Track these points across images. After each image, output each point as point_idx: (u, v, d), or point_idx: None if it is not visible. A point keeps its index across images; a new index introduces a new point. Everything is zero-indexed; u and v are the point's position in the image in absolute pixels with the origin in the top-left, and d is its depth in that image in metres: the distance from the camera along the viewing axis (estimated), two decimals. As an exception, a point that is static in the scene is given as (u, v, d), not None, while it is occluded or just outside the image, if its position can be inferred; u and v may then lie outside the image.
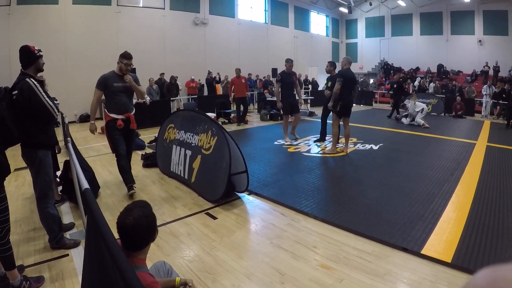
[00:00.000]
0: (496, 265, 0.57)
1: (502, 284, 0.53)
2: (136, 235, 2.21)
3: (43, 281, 3.50)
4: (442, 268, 3.68)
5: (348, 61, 9.04)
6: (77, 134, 12.21)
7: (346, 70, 8.76)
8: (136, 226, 2.21)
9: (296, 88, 10.42)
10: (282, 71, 10.18)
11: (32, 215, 5.26)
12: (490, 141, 11.01)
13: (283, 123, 10.26)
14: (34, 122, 3.96)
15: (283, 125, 10.26)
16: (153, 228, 2.34)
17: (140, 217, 2.24)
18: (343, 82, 8.46)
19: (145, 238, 2.29)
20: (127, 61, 5.84)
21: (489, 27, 26.04)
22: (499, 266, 0.57)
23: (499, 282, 0.54)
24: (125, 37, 17.73)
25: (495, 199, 5.76)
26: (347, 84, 8.59)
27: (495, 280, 0.55)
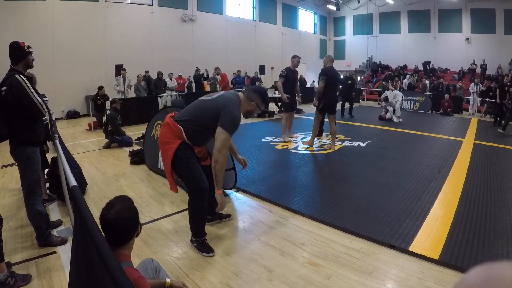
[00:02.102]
0: (488, 262, 0.57)
1: (495, 281, 0.53)
2: (118, 229, 2.21)
3: (29, 279, 3.46)
4: (429, 265, 3.69)
5: (330, 59, 9.05)
6: (65, 131, 12.08)
7: (329, 68, 8.80)
8: (118, 220, 2.21)
9: (296, 86, 10.34)
10: (288, 67, 10.01)
11: (19, 212, 5.21)
12: (477, 139, 11.11)
13: (283, 121, 10.10)
14: (22, 119, 3.93)
15: (282, 123, 10.12)
16: (135, 221, 2.34)
17: (121, 211, 2.25)
18: (326, 80, 8.57)
19: (128, 232, 2.29)
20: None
21: (477, 25, 26.26)
22: (491, 263, 0.57)
23: (492, 280, 0.54)
24: (113, 33, 17.63)
25: (482, 196, 5.81)
26: (330, 82, 8.66)
27: (488, 277, 0.55)
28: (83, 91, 16.34)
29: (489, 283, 0.54)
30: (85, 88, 16.21)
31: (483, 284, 0.54)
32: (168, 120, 3.95)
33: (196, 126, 3.87)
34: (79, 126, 13.55)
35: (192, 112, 3.97)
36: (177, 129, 3.84)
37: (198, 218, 4.07)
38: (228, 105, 3.85)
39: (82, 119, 15.57)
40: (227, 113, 3.80)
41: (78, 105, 16.41)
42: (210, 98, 4.00)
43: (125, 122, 12.11)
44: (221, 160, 3.80)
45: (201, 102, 4.02)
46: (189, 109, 4.05)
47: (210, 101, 3.95)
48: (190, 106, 4.13)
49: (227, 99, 3.92)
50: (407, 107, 19.42)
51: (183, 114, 3.99)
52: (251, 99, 4.02)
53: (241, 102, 4.01)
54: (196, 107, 4.00)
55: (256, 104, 4.05)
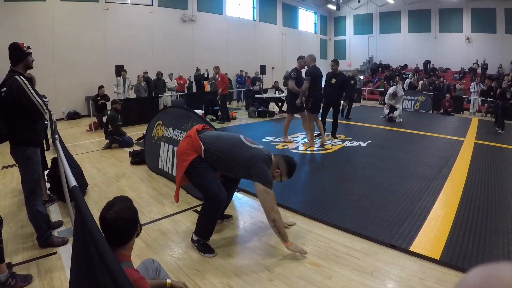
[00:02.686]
0: (488, 263, 0.57)
1: (494, 282, 0.53)
2: (118, 229, 2.22)
3: (30, 280, 3.46)
4: (430, 265, 3.69)
5: (313, 58, 9.25)
6: (65, 132, 12.09)
7: (313, 68, 8.97)
8: (117, 220, 2.22)
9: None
10: (295, 68, 9.86)
11: (20, 213, 5.20)
12: (478, 139, 11.10)
13: (286, 122, 10.04)
14: (22, 120, 3.94)
15: (285, 123, 10.06)
16: (134, 221, 2.35)
17: (121, 211, 2.26)
18: (311, 80, 8.76)
19: (127, 232, 2.29)
20: None
21: (477, 24, 26.23)
22: (491, 264, 0.57)
23: (492, 281, 0.54)
24: (113, 34, 17.62)
25: (483, 196, 5.80)
26: (315, 81, 8.84)
27: (487, 278, 0.55)
28: (83, 91, 16.34)
29: (488, 283, 0.54)
30: (86, 88, 16.21)
31: (483, 285, 0.54)
32: (192, 134, 3.97)
33: (219, 156, 3.90)
34: (79, 127, 13.55)
35: (223, 144, 3.96)
36: (198, 145, 3.87)
37: (207, 224, 4.08)
38: (264, 167, 3.87)
39: (83, 119, 15.56)
40: (262, 169, 3.84)
41: (78, 105, 16.40)
42: (249, 144, 4.02)
43: (125, 122, 12.11)
44: (278, 218, 3.81)
45: (238, 141, 4.03)
46: (221, 140, 4.04)
47: (247, 147, 3.97)
48: (224, 137, 4.10)
49: (264, 159, 3.93)
50: (407, 106, 19.39)
51: (212, 140, 3.98)
52: (277, 166, 4.06)
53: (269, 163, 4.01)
54: (231, 143, 3.98)
55: (281, 173, 4.08)
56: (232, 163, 3.91)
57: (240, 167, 3.92)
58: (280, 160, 4.08)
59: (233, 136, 4.09)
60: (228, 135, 4.15)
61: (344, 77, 10.59)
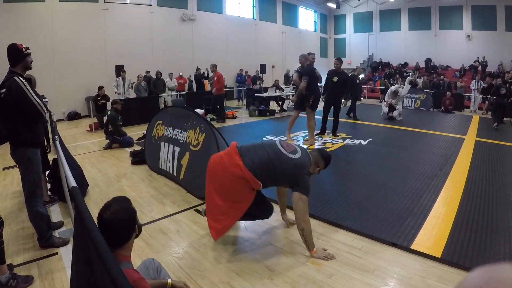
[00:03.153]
0: (490, 263, 0.58)
1: (496, 283, 0.53)
2: (115, 230, 2.22)
3: (31, 281, 3.46)
4: (432, 263, 3.68)
5: (306, 57, 9.34)
6: (65, 132, 12.12)
7: (309, 67, 9.09)
8: (114, 221, 2.22)
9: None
10: (300, 67, 9.96)
11: (21, 214, 5.21)
12: (479, 136, 11.10)
13: (292, 118, 9.89)
14: (22, 121, 3.94)
15: (290, 120, 9.91)
16: (131, 222, 2.34)
17: (117, 211, 2.26)
18: (309, 79, 8.79)
19: (124, 233, 2.29)
20: None
21: (478, 22, 26.20)
22: (493, 265, 0.57)
23: (493, 282, 0.54)
24: (112, 34, 17.60)
25: (484, 194, 5.80)
26: (312, 80, 8.89)
27: (489, 279, 0.55)
28: (83, 92, 16.33)
29: (490, 284, 0.54)
30: (86, 89, 16.20)
31: (484, 286, 0.54)
32: (239, 164, 3.84)
33: (265, 175, 3.86)
34: (80, 127, 13.56)
35: (266, 161, 3.87)
36: (253, 181, 3.81)
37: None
38: (306, 177, 3.89)
39: (83, 120, 15.55)
40: (304, 180, 3.85)
41: (78, 106, 16.40)
42: (289, 154, 3.93)
43: (125, 122, 12.09)
44: (307, 228, 3.83)
45: (278, 153, 3.94)
46: (263, 156, 3.91)
47: (287, 159, 3.90)
48: (263, 152, 3.95)
49: (307, 167, 3.94)
50: (408, 104, 19.40)
51: (257, 162, 3.86)
52: (317, 164, 4.12)
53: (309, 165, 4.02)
54: (272, 158, 3.89)
55: (320, 169, 4.17)
56: (276, 175, 3.88)
57: (283, 180, 3.95)
58: (318, 157, 4.11)
59: (271, 147, 4.01)
60: (266, 146, 4.04)
61: (345, 76, 10.55)
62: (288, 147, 4.01)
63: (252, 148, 3.99)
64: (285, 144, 4.08)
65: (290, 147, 4.03)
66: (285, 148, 3.98)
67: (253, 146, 4.03)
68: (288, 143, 4.14)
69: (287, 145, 4.06)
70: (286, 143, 4.12)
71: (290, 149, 3.99)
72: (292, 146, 4.07)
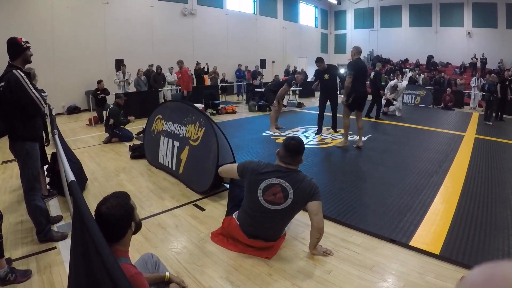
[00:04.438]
0: (491, 261, 0.57)
1: (498, 281, 0.53)
2: (110, 224, 2.22)
3: (30, 275, 3.45)
4: (430, 260, 3.69)
5: (358, 50, 8.54)
6: (65, 126, 12.11)
7: (356, 61, 8.43)
8: (109, 216, 2.22)
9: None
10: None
11: (19, 208, 5.19)
12: (479, 133, 11.11)
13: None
14: (21, 114, 3.93)
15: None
16: (127, 218, 2.33)
17: (113, 207, 2.26)
18: (354, 75, 8.14)
19: (119, 228, 2.29)
20: None
21: (478, 19, 26.20)
22: (494, 263, 0.57)
23: (495, 279, 0.54)
24: (113, 28, 17.57)
25: (483, 191, 5.81)
26: (358, 76, 8.24)
27: (491, 277, 0.55)
28: (83, 86, 16.31)
29: (491, 282, 0.54)
30: (86, 83, 16.17)
31: (486, 283, 0.54)
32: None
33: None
34: (79, 121, 13.56)
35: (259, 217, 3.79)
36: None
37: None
38: (309, 188, 3.69)
39: (83, 114, 15.54)
40: (317, 191, 3.69)
41: (78, 100, 16.39)
42: (273, 207, 3.69)
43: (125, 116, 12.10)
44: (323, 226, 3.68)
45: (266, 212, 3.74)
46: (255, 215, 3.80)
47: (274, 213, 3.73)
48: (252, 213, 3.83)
49: (307, 185, 3.70)
50: (408, 101, 19.40)
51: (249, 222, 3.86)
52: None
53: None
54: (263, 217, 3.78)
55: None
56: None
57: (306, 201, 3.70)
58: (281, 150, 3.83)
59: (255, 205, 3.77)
60: (250, 203, 3.83)
61: (335, 69, 10.39)
62: (274, 197, 3.68)
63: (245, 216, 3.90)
64: (269, 196, 3.70)
65: (277, 197, 3.68)
66: (270, 201, 3.69)
67: (246, 213, 3.89)
68: (275, 194, 3.69)
69: (272, 195, 3.70)
70: (270, 193, 3.70)
71: (274, 201, 3.68)
72: (278, 193, 3.68)
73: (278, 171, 3.72)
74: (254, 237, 3.82)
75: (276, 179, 3.67)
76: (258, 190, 3.68)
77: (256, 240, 3.82)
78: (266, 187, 3.68)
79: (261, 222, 3.76)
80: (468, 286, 0.57)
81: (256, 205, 3.72)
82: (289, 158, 3.74)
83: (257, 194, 3.70)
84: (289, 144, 3.75)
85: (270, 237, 3.83)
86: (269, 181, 3.68)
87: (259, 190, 3.68)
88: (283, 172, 3.71)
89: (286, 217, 3.78)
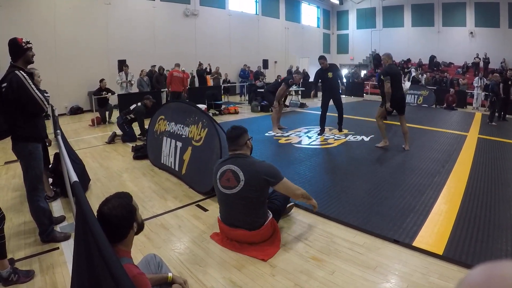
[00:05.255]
0: (491, 261, 0.58)
1: (498, 280, 0.53)
2: (112, 224, 2.22)
3: (32, 275, 3.46)
4: (433, 260, 3.68)
5: (389, 56, 8.57)
6: (68, 127, 12.16)
7: (389, 66, 8.39)
8: (111, 216, 2.23)
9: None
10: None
11: (22, 208, 5.19)
12: (481, 133, 11.09)
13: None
14: (23, 115, 3.93)
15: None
16: (129, 219, 2.34)
17: (115, 207, 2.27)
18: (391, 79, 8.10)
19: (121, 228, 2.30)
20: None
21: (481, 19, 26.14)
22: (495, 262, 0.57)
23: (495, 279, 0.54)
24: (115, 28, 17.63)
25: (486, 191, 5.79)
26: (395, 80, 8.19)
27: (491, 276, 0.55)
28: (86, 86, 16.35)
29: (492, 282, 0.54)
30: (88, 83, 16.19)
31: (486, 283, 0.54)
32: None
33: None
34: (82, 122, 13.59)
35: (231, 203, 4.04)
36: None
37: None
38: (260, 167, 3.95)
39: (85, 114, 15.59)
40: (268, 173, 3.94)
41: (81, 100, 16.45)
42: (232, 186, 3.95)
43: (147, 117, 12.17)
44: (300, 192, 4.17)
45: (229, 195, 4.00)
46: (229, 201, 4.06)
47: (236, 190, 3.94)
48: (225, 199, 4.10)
49: (256, 165, 3.98)
50: (411, 101, 19.36)
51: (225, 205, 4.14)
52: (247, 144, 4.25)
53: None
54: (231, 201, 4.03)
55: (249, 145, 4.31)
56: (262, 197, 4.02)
57: (263, 192, 3.99)
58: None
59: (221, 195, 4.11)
60: (217, 194, 4.22)
61: (337, 68, 10.40)
62: (228, 181, 3.98)
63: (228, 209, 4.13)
64: (224, 181, 4.03)
65: (230, 181, 3.97)
66: (231, 181, 3.97)
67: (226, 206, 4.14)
68: (228, 179, 4.00)
69: (226, 180, 4.01)
70: (224, 178, 4.02)
71: (231, 183, 3.95)
72: (231, 178, 3.98)
73: (229, 158, 4.08)
74: (234, 226, 4.02)
75: (227, 165, 4.01)
76: (217, 180, 4.04)
77: (238, 229, 3.99)
78: (220, 175, 4.02)
79: (230, 209, 4.05)
80: (467, 286, 0.57)
81: (219, 193, 4.07)
82: (232, 145, 4.12)
83: (217, 183, 4.05)
84: (227, 133, 4.25)
85: (248, 225, 3.96)
86: (222, 169, 4.02)
87: (217, 180, 4.04)
88: (232, 158, 4.05)
89: (246, 200, 3.88)
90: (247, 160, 4.00)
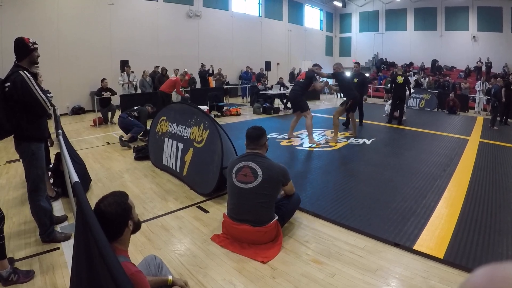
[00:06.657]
0: (493, 263, 0.57)
1: (500, 282, 0.53)
2: (106, 221, 2.23)
3: (32, 275, 3.46)
4: (434, 264, 3.68)
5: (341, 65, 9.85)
6: (69, 127, 12.17)
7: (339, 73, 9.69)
8: (107, 212, 2.27)
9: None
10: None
11: (23, 207, 5.19)
12: (483, 137, 11.10)
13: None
14: (26, 115, 3.93)
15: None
16: (124, 215, 2.37)
17: (109, 205, 2.31)
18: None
19: (115, 226, 2.32)
20: None
21: (484, 23, 26.16)
22: (496, 264, 0.57)
23: (497, 281, 0.54)
24: (118, 29, 17.64)
25: (487, 195, 5.79)
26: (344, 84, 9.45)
27: (493, 278, 0.54)
28: (88, 86, 16.37)
29: (494, 283, 0.53)
30: (90, 83, 16.21)
31: (488, 285, 0.54)
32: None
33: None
34: (84, 122, 13.62)
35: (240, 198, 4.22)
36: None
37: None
38: (277, 169, 4.24)
39: (87, 114, 15.62)
40: (286, 173, 4.32)
41: (83, 100, 16.47)
42: (244, 185, 4.16)
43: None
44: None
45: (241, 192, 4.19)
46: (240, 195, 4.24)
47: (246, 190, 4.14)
48: (237, 195, 4.27)
49: (274, 166, 4.26)
50: (413, 104, 19.41)
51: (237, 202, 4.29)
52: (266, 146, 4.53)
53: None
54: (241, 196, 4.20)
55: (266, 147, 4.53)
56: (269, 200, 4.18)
57: (274, 191, 4.25)
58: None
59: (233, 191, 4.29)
60: (228, 188, 4.39)
61: (364, 76, 10.88)
62: (245, 177, 4.19)
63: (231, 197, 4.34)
64: (241, 176, 4.22)
65: (248, 176, 4.18)
66: (242, 180, 4.19)
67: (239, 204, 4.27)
68: (245, 174, 4.22)
69: (243, 176, 4.21)
70: (241, 173, 4.23)
71: (243, 180, 4.17)
72: (248, 173, 4.19)
73: (246, 155, 4.32)
74: (240, 221, 4.12)
75: (245, 162, 4.23)
76: (232, 174, 4.23)
77: (242, 224, 4.08)
78: (237, 170, 4.22)
79: (240, 203, 4.17)
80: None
81: (233, 187, 4.21)
82: (251, 143, 4.36)
83: (232, 178, 4.23)
84: (248, 132, 4.46)
85: (254, 218, 4.07)
86: (239, 165, 4.25)
87: (232, 174, 4.22)
88: (250, 155, 4.29)
89: (259, 196, 4.04)
90: (266, 160, 4.23)
